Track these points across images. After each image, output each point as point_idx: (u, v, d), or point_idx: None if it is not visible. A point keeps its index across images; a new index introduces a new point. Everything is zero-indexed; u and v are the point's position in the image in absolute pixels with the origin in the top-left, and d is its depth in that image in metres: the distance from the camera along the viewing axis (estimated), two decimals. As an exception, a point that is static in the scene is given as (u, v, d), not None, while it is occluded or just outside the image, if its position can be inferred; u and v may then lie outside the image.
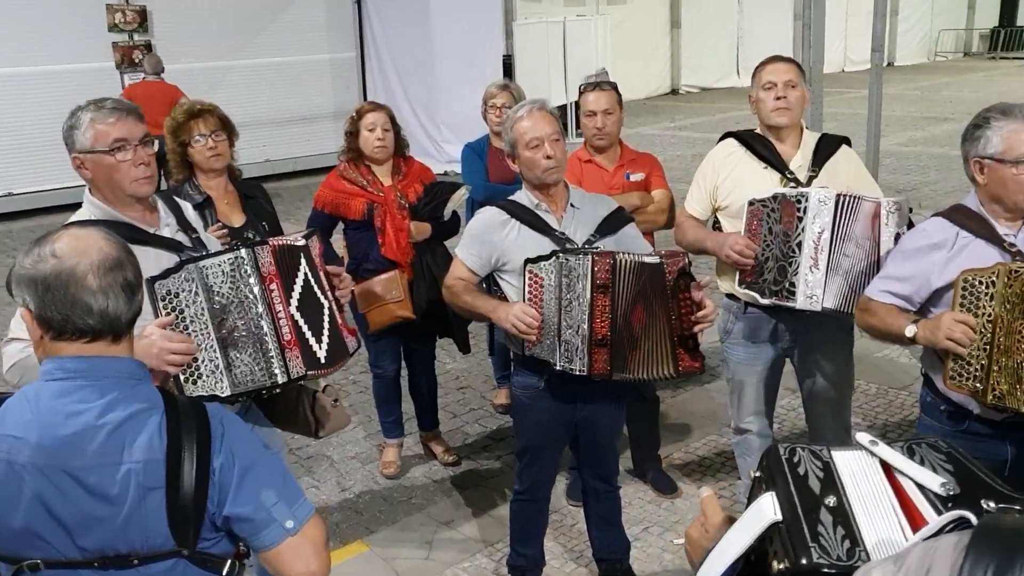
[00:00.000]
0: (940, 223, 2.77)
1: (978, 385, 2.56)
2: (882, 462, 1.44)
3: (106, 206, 2.55)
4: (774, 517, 1.37)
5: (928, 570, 1.08)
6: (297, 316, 2.54)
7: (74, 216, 2.58)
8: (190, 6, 12.20)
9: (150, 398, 1.75)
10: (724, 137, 3.64)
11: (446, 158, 12.11)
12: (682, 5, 20.74)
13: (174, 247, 2.60)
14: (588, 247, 3.07)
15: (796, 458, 1.46)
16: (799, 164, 3.43)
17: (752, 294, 3.35)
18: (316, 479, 4.61)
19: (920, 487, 1.39)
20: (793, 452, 1.47)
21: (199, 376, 2.44)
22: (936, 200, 9.39)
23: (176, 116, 3.66)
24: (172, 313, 2.40)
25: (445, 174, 10.87)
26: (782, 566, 1.31)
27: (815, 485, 1.41)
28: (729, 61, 21.82)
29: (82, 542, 1.69)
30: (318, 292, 2.65)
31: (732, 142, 3.57)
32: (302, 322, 2.56)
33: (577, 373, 2.98)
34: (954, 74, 22.41)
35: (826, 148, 3.48)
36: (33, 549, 1.70)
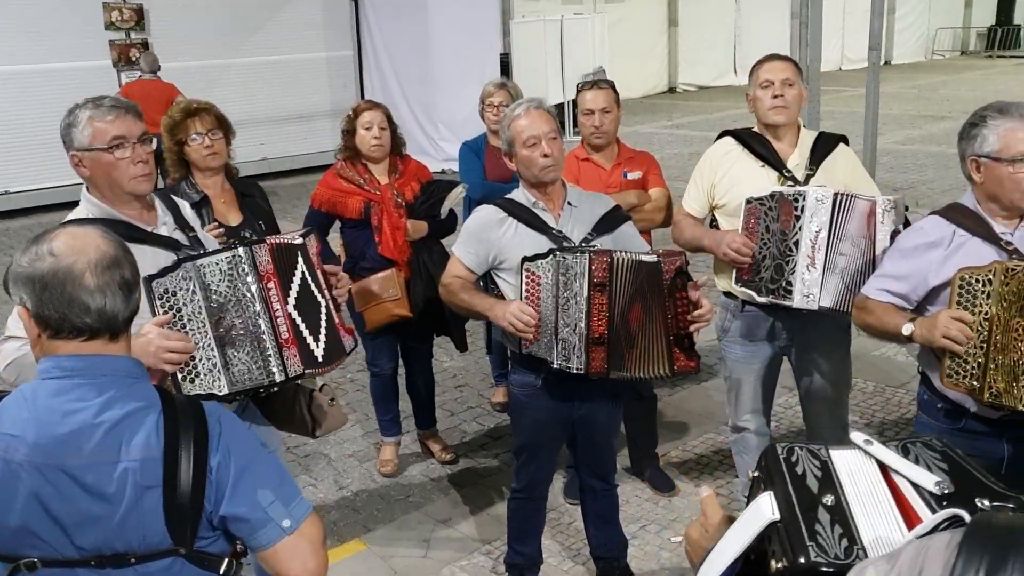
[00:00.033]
0: (937, 221, 2.77)
1: (975, 383, 2.56)
2: (878, 461, 1.45)
3: (104, 204, 2.54)
4: (772, 517, 1.37)
5: (921, 569, 1.08)
6: (294, 315, 2.54)
7: (71, 214, 2.57)
8: (187, 4, 12.16)
9: (147, 397, 1.75)
10: (721, 135, 3.64)
11: (443, 156, 12.12)
12: (679, 3, 20.74)
13: (172, 245, 2.59)
14: (585, 245, 3.07)
15: (794, 457, 1.46)
16: (796, 163, 3.43)
17: (749, 292, 3.35)
18: (313, 477, 4.61)
19: (915, 486, 1.39)
20: (791, 451, 1.48)
21: (196, 374, 2.44)
22: (933, 198, 9.40)
23: (173, 114, 3.65)
24: (169, 311, 2.39)
25: (442, 172, 10.88)
26: (780, 565, 1.31)
27: (813, 484, 1.41)
28: (726, 59, 21.83)
29: (79, 541, 1.69)
30: (315, 291, 2.65)
31: (729, 140, 3.57)
32: (299, 320, 2.56)
33: (574, 371, 2.98)
34: (951, 72, 22.42)
35: (823, 147, 3.48)
36: (30, 548, 1.69)
